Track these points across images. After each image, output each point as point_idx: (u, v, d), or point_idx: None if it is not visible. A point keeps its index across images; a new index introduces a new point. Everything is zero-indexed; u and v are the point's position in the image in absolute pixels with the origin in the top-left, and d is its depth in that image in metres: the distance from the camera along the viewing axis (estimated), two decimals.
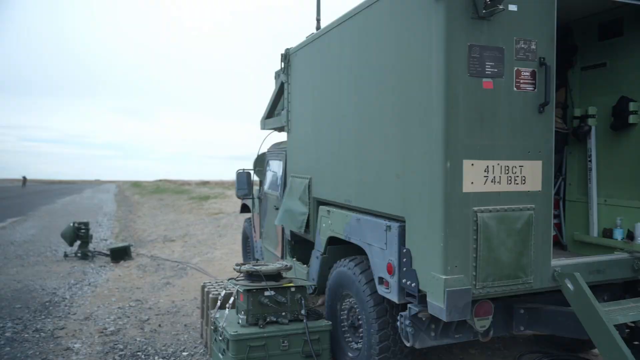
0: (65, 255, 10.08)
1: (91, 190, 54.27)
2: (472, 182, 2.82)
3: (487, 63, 2.83)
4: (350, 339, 3.94)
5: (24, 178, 71.96)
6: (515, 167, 2.95)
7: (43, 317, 6.04)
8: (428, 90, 2.84)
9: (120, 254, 9.86)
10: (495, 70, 2.85)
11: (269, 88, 6.16)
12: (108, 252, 10.08)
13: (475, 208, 2.82)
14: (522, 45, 2.91)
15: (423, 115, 2.89)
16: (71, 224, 10.23)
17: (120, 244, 10.43)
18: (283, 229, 5.43)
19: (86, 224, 10.35)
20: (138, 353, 4.79)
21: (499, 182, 2.91)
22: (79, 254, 10.03)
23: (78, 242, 10.25)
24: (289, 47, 5.11)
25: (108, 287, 7.57)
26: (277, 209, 5.57)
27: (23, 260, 9.91)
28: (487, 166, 2.87)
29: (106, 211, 23.30)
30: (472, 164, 2.82)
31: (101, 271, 8.89)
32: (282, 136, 6.17)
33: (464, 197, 2.80)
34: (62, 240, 11.22)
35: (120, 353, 4.81)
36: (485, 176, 2.86)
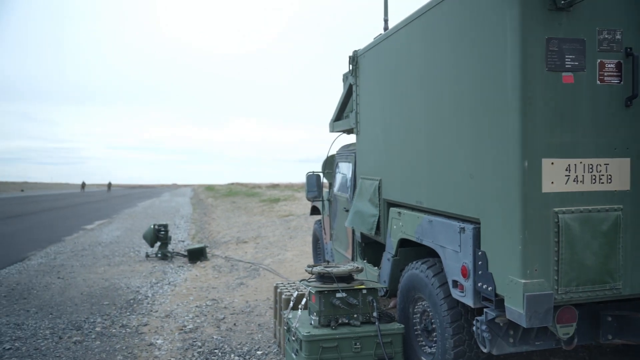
0: (147, 256, 10.67)
1: (169, 194, 57.09)
2: (552, 182, 2.69)
3: (566, 56, 2.69)
4: (423, 342, 3.88)
5: (109, 183, 77.14)
6: (600, 165, 2.78)
7: (128, 313, 6.42)
8: (503, 87, 2.74)
9: (196, 255, 10.28)
10: (576, 63, 2.70)
11: (338, 90, 6.20)
12: (186, 253, 10.55)
13: (556, 209, 2.68)
14: (606, 36, 2.74)
15: (498, 113, 2.79)
16: (152, 226, 10.80)
17: (197, 245, 10.88)
18: (353, 231, 5.43)
19: (165, 226, 10.89)
20: (215, 350, 4.97)
21: (582, 182, 2.75)
22: (159, 255, 10.58)
23: (158, 243, 10.81)
24: (356, 48, 5.12)
25: (186, 287, 7.92)
26: (347, 210, 5.59)
27: (109, 260, 10.59)
28: (569, 165, 2.72)
29: (183, 214, 24.41)
30: (552, 163, 2.69)
31: (179, 271, 9.32)
32: (351, 138, 6.18)
33: (544, 198, 2.67)
34: (144, 241, 11.91)
35: (199, 350, 5.01)
36: (566, 175, 2.72)
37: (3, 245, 12.94)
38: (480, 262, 2.99)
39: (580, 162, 2.74)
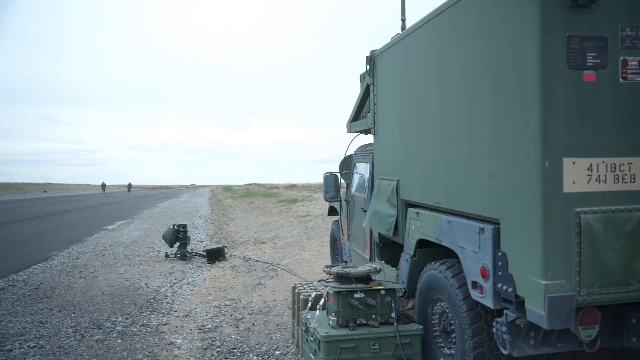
0: (167, 256, 10.79)
1: (187, 194, 57.65)
2: (573, 182, 2.65)
3: (588, 54, 2.65)
4: (442, 344, 3.85)
5: (129, 184, 78.24)
6: (623, 164, 2.73)
7: (148, 313, 6.50)
8: (523, 86, 2.70)
9: (215, 255, 10.36)
10: (598, 61, 2.66)
11: (355, 90, 6.19)
12: (204, 253, 10.64)
13: (578, 209, 2.64)
14: (629, 33, 2.69)
15: (518, 112, 2.76)
16: (171, 227, 10.92)
17: (215, 246, 10.96)
18: (371, 232, 5.42)
19: (184, 227, 11.00)
20: (234, 350, 5.01)
21: (605, 181, 2.71)
22: (178, 255, 10.69)
23: (177, 244, 10.92)
24: (373, 48, 5.10)
25: (205, 287, 7.99)
26: (364, 211, 5.58)
27: (130, 259, 10.74)
28: (591, 164, 2.68)
29: (201, 214, 24.62)
30: (574, 162, 2.65)
31: (198, 271, 9.40)
32: (369, 138, 6.17)
33: (565, 198, 2.63)
34: (163, 242, 12.04)
35: (218, 349, 5.05)
36: (588, 175, 2.68)
37: (27, 245, 13.21)
38: (500, 263, 2.95)
39: (603, 162, 2.70)
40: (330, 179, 6.85)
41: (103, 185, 74.76)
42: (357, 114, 6.11)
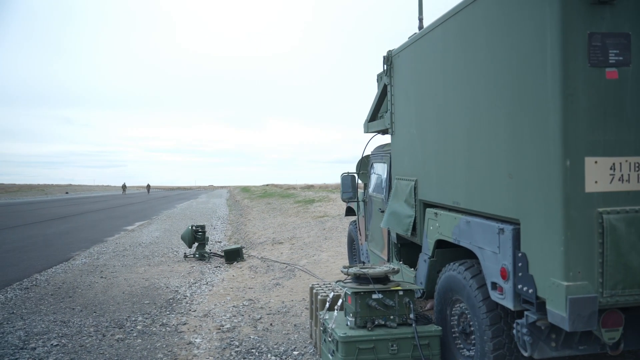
0: (185, 256, 10.88)
1: (206, 195, 58.11)
2: (595, 181, 2.60)
3: (610, 51, 2.60)
4: (461, 345, 3.82)
5: (149, 185, 79.23)
6: None
7: (168, 312, 6.58)
8: (544, 84, 2.67)
9: (233, 256, 10.43)
10: (621, 58, 2.61)
11: (372, 91, 6.17)
12: (222, 254, 10.71)
13: (600, 209, 2.60)
14: None
15: (539, 110, 2.72)
16: (189, 227, 11.02)
17: (233, 246, 11.02)
18: (389, 232, 5.40)
19: (203, 227, 11.09)
20: (252, 350, 5.03)
21: (628, 181, 2.66)
22: (196, 255, 10.78)
23: (196, 244, 11.01)
24: (391, 48, 5.08)
25: (223, 287, 8.05)
26: (382, 211, 5.56)
27: (149, 260, 10.86)
28: (613, 163, 2.63)
29: (219, 215, 24.79)
30: (596, 162, 2.60)
31: (217, 271, 9.47)
32: (386, 139, 6.15)
33: (587, 198, 2.59)
34: (182, 242, 12.15)
35: (236, 349, 5.08)
36: (611, 174, 2.63)
37: (49, 245, 13.45)
38: (520, 264, 2.92)
39: (626, 161, 2.65)
40: (347, 179, 6.84)
41: (124, 187, 75.82)
42: (375, 114, 6.09)
